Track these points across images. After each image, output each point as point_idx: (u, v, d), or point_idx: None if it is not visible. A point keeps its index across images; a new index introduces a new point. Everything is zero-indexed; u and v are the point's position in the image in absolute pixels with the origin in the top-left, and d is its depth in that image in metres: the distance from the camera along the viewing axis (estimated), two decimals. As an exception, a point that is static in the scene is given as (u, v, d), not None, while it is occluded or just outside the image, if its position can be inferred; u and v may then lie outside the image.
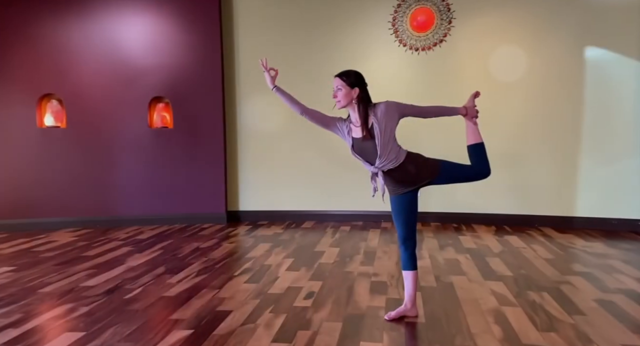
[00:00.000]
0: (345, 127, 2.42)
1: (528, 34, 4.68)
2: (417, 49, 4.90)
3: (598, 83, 4.53)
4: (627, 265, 3.36)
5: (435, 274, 3.21)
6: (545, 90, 4.67)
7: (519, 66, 4.71)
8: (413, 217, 2.44)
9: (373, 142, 2.32)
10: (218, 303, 2.74)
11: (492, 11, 4.73)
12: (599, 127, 4.56)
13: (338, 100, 2.37)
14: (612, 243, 4.03)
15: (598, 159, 4.59)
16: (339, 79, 2.37)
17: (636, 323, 2.33)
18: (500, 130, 4.68)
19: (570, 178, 4.67)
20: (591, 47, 4.52)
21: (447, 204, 4.94)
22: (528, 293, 2.80)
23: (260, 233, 4.72)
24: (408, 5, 4.86)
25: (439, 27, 4.81)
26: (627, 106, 4.47)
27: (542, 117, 4.70)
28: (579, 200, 4.66)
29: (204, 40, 5.12)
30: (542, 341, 2.16)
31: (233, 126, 5.34)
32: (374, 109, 2.34)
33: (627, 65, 4.43)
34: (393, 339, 2.23)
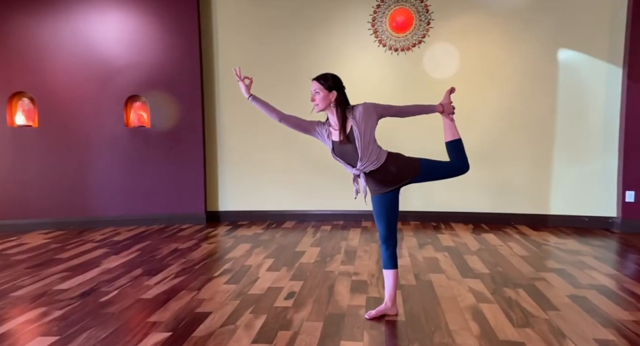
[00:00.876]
0: (325, 130, 2.42)
1: (504, 35, 4.78)
2: (397, 50, 4.94)
3: (570, 84, 4.66)
4: (598, 261, 3.47)
5: (414, 272, 3.24)
6: (521, 91, 4.78)
7: (495, 67, 4.81)
8: (394, 216, 2.46)
9: (353, 145, 2.33)
10: (197, 304, 2.70)
11: (469, 13, 4.81)
12: (571, 127, 4.70)
13: (316, 104, 2.36)
14: (584, 240, 4.15)
15: (570, 158, 4.72)
16: (316, 82, 2.37)
17: (607, 318, 2.41)
18: (477, 130, 4.76)
19: (544, 177, 4.79)
20: (564, 49, 4.65)
21: (427, 203, 5.01)
22: (504, 290, 2.85)
23: (241, 233, 4.67)
24: (387, 6, 4.90)
25: (418, 28, 4.87)
26: (598, 107, 4.62)
27: (518, 117, 4.80)
28: (552, 199, 4.78)
29: (182, 38, 5.04)
30: (518, 337, 2.20)
31: (212, 125, 5.28)
32: (352, 112, 2.35)
33: (598, 67, 4.58)
34: (373, 338, 2.24)
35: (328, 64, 5.03)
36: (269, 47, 5.13)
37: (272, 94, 5.07)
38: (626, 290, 2.83)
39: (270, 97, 5.12)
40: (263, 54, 5.14)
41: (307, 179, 5.17)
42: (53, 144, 4.98)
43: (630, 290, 2.84)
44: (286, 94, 5.02)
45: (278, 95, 5.08)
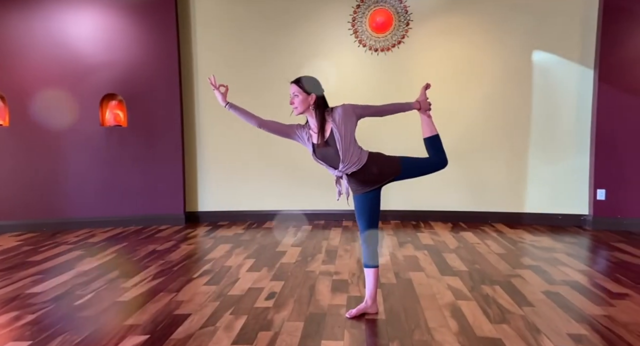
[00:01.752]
0: (305, 133, 2.41)
1: (481, 37, 4.86)
2: (377, 50, 4.97)
3: (545, 85, 4.78)
4: (571, 258, 3.57)
5: (394, 271, 3.27)
6: (497, 92, 4.87)
7: (472, 68, 4.89)
8: (376, 215, 2.47)
9: (334, 147, 2.33)
10: (176, 306, 2.66)
11: (447, 14, 4.88)
12: (545, 127, 4.82)
13: (295, 107, 2.35)
14: (558, 238, 4.27)
15: (545, 158, 4.84)
16: (295, 85, 2.36)
17: (580, 313, 2.48)
18: (455, 130, 4.83)
19: (520, 176, 4.90)
20: (538, 51, 4.76)
21: (406, 202, 5.06)
22: (482, 287, 2.91)
23: (221, 234, 4.62)
24: (367, 6, 4.93)
25: (397, 28, 4.91)
26: (571, 107, 4.75)
27: (494, 117, 4.90)
28: (527, 197, 4.90)
29: (159, 36, 4.95)
30: (495, 333, 2.25)
31: (191, 124, 5.21)
32: (331, 114, 2.35)
33: (570, 69, 4.71)
34: (354, 336, 2.24)
35: (308, 64, 5.03)
36: (248, 45, 5.10)
37: (252, 94, 5.08)
38: (598, 286, 2.92)
39: (250, 97, 5.17)
40: (243, 53, 5.10)
41: (288, 179, 5.15)
42: (24, 144, 4.82)
43: (601, 285, 2.93)
44: (266, 93, 5.01)
45: (258, 94, 5.08)
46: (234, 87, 4.97)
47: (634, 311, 2.48)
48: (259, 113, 2.49)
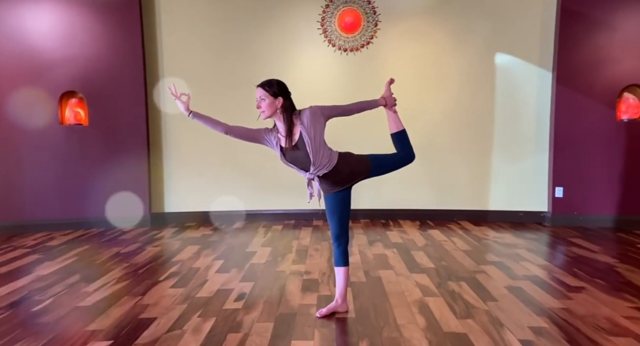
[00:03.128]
0: (273, 137, 2.39)
1: (446, 38, 4.98)
2: (346, 50, 5.00)
3: (506, 86, 4.95)
4: (532, 254, 3.71)
5: (364, 269, 3.30)
6: (462, 92, 5.00)
7: (438, 69, 5.00)
8: (346, 214, 2.48)
9: (304, 150, 2.32)
10: (141, 310, 2.58)
11: (415, 16, 4.97)
12: (507, 128, 4.99)
13: (262, 111, 2.32)
14: (519, 234, 4.43)
15: (507, 157, 5.01)
16: (261, 89, 2.32)
17: (540, 307, 2.58)
18: (422, 130, 4.92)
19: (484, 175, 5.05)
20: (500, 53, 4.92)
21: (376, 201, 5.11)
22: (448, 284, 2.98)
23: (188, 235, 4.53)
24: (336, 6, 4.95)
25: (366, 29, 4.96)
26: (531, 108, 4.94)
27: (459, 118, 5.03)
28: (491, 195, 5.06)
29: (122, 30, 4.79)
30: (461, 328, 2.31)
31: (157, 123, 5.07)
32: (299, 117, 2.33)
33: (530, 71, 4.89)
34: (324, 335, 2.25)
35: (277, 63, 5.00)
36: (216, 44, 5.01)
37: (221, 93, 4.99)
38: (556, 280, 3.05)
39: (218, 97, 5.09)
40: (211, 51, 5.02)
41: (258, 179, 5.10)
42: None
43: (559, 279, 3.06)
44: (235, 92, 4.94)
45: (226, 94, 5.00)
46: (202, 86, 4.91)
47: (590, 303, 2.60)
48: (228, 114, 2.45)
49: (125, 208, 4.90)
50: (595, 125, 4.67)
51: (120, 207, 4.90)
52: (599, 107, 4.65)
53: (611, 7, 4.55)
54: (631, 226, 4.61)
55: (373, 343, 2.16)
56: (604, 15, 4.56)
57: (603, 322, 2.34)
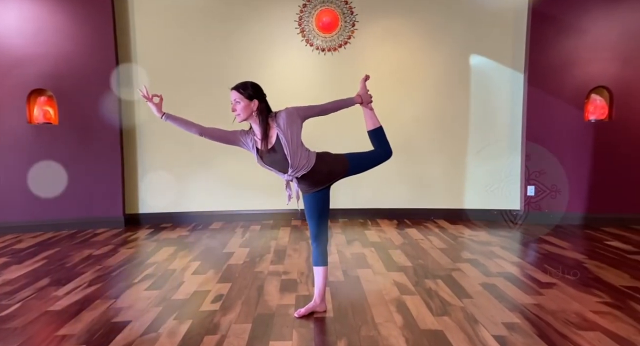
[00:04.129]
0: (250, 140, 2.37)
1: (423, 39, 5.04)
2: (324, 50, 5.01)
3: (481, 88, 5.05)
4: (505, 251, 3.80)
5: (343, 269, 3.31)
6: (438, 93, 5.08)
7: (415, 69, 5.06)
8: (325, 214, 2.48)
9: (282, 153, 2.30)
10: (114, 314, 2.52)
11: (392, 17, 5.02)
12: (482, 127, 5.09)
13: (238, 114, 2.29)
14: (493, 232, 4.53)
15: (482, 156, 5.12)
16: (236, 91, 2.29)
17: (513, 303, 2.64)
18: (398, 130, 4.97)
19: (459, 174, 5.15)
20: (475, 55, 5.03)
21: (354, 201, 5.14)
22: (425, 282, 3.02)
23: (164, 236, 4.44)
24: (313, 6, 4.95)
25: (344, 29, 4.98)
26: (504, 109, 5.06)
27: (435, 118, 5.10)
28: (466, 194, 5.16)
29: (94, 26, 4.66)
30: (437, 325, 2.34)
31: (131, 121, 4.95)
32: (275, 119, 2.31)
33: (503, 73, 5.01)
34: (302, 335, 2.24)
35: (254, 63, 4.96)
36: (190, 43, 4.94)
37: (196, 93, 4.91)
38: (528, 276, 3.13)
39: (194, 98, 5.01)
40: (184, 50, 4.93)
41: (236, 178, 5.05)
42: (-63, 141, 4.35)
43: (531, 276, 3.14)
44: (210, 92, 4.87)
45: (201, 93, 4.92)
46: (177, 86, 4.83)
47: (560, 299, 2.69)
48: (203, 115, 2.42)
49: (97, 209, 4.77)
50: (564, 125, 4.82)
51: (92, 208, 4.77)
52: (568, 107, 4.80)
53: (579, 11, 4.70)
54: (599, 223, 4.78)
55: (351, 342, 2.16)
56: (572, 19, 4.71)
57: (572, 317, 2.42)
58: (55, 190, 4.66)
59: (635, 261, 3.42)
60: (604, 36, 4.70)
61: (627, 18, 4.65)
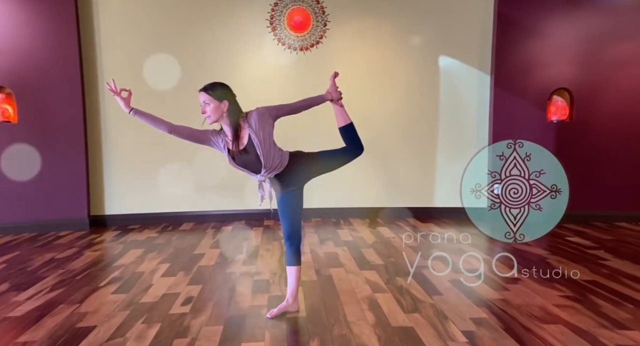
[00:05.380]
0: (221, 140, 2.33)
1: (394, 40, 5.11)
2: (296, 49, 4.99)
3: (450, 89, 5.17)
4: (473, 248, 3.91)
5: (315, 268, 3.31)
6: (409, 93, 5.16)
7: (386, 69, 5.12)
8: (299, 214, 2.47)
9: (254, 153, 2.28)
10: (78, 319, 2.43)
11: (363, 17, 5.05)
12: (451, 128, 5.21)
13: (208, 116, 2.25)
14: (462, 229, 4.64)
15: (451, 156, 5.23)
16: (204, 93, 2.24)
17: (481, 298, 2.72)
18: (370, 130, 5.01)
19: (429, 173, 5.25)
20: (444, 56, 5.13)
21: (327, 200, 5.15)
22: (396, 279, 3.06)
23: (131, 238, 4.32)
24: (285, 5, 4.93)
25: (315, 28, 4.98)
26: (472, 109, 5.19)
27: (406, 118, 5.18)
28: (436, 193, 5.27)
29: (55, 21, 4.49)
30: (408, 322, 2.38)
31: (96, 120, 4.79)
32: (246, 119, 2.28)
33: (471, 74, 5.14)
34: (274, 336, 2.23)
35: (225, 62, 4.90)
36: (158, 41, 4.82)
37: (163, 93, 4.79)
38: (495, 272, 3.23)
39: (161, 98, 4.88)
40: (152, 48, 4.81)
41: (206, 178, 4.96)
42: None
43: (498, 272, 3.24)
44: (178, 92, 4.76)
45: (169, 94, 4.81)
46: (145, 85, 4.70)
47: (525, 294, 2.78)
48: (171, 116, 2.36)
49: (60, 211, 4.59)
50: (528, 125, 4.98)
51: (54, 210, 4.58)
52: (532, 108, 4.98)
53: (542, 14, 4.88)
54: (561, 220, 4.96)
55: (323, 341, 2.17)
56: (536, 23, 4.89)
57: (536, 311, 2.51)
58: (15, 192, 4.45)
59: (594, 256, 3.59)
60: (564, 40, 4.90)
61: (586, 23, 4.86)
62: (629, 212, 4.94)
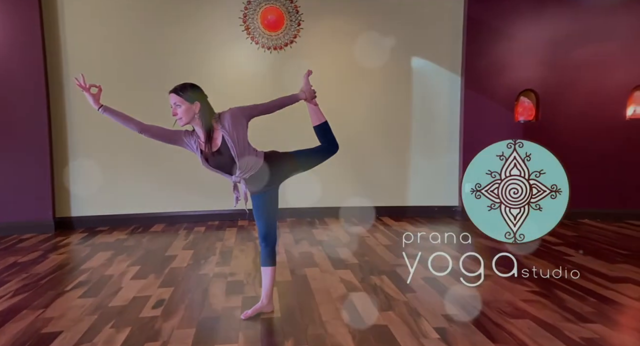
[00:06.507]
0: (194, 141, 2.29)
1: (365, 40, 5.13)
2: (270, 48, 4.96)
3: (422, 89, 5.25)
4: (445, 246, 3.98)
5: (290, 268, 3.30)
6: (382, 93, 5.21)
7: (359, 70, 5.15)
8: (274, 214, 2.46)
9: (228, 155, 2.25)
10: (43, 324, 2.34)
11: (337, 17, 5.07)
12: (423, 128, 5.30)
13: (179, 118, 2.20)
14: (435, 228, 4.74)
15: (423, 156, 5.32)
16: (175, 95, 2.20)
17: (453, 295, 2.78)
18: (344, 130, 5.01)
19: (403, 173, 5.32)
20: (416, 57, 5.21)
21: (302, 200, 5.14)
22: (371, 278, 3.09)
23: (99, 240, 4.19)
24: (258, 3, 4.88)
25: (289, 27, 4.96)
26: (444, 110, 5.29)
27: (380, 118, 5.23)
28: (410, 192, 5.35)
29: (16, 13, 4.29)
30: (382, 320, 2.41)
31: (61, 118, 4.62)
32: (219, 121, 2.25)
33: (442, 75, 5.24)
34: (249, 337, 2.21)
35: (197, 61, 4.81)
36: (127, 38, 4.69)
37: (134, 92, 4.67)
38: (466, 269, 3.30)
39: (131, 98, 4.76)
40: (120, 47, 4.68)
41: (178, 178, 4.86)
42: None
43: (469, 268, 3.32)
44: (148, 93, 4.65)
45: (140, 96, 4.68)
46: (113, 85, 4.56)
47: (494, 290, 2.86)
48: (141, 117, 2.29)
49: (23, 213, 4.40)
50: (497, 125, 5.12)
51: (17, 212, 4.39)
52: (501, 109, 5.12)
53: (509, 18, 5.03)
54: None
55: (298, 341, 2.16)
56: (504, 26, 5.03)
57: (505, 306, 2.59)
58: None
59: (558, 252, 3.72)
60: (531, 43, 5.06)
61: (551, 26, 5.03)
62: (591, 209, 5.15)
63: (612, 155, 5.07)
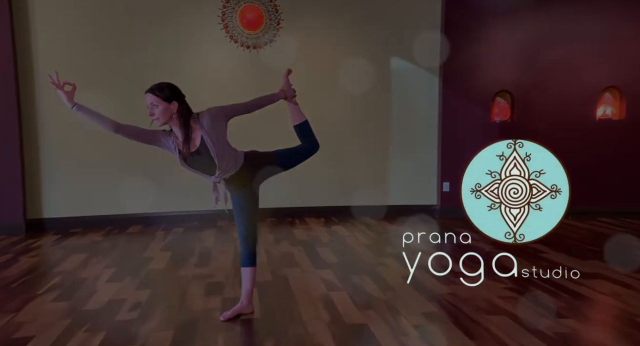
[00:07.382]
0: (172, 142, 2.25)
1: (347, 40, 5.17)
2: (249, 47, 4.92)
3: (401, 89, 5.30)
4: (424, 244, 4.02)
5: (270, 268, 3.28)
6: (362, 93, 5.23)
7: (340, 69, 5.16)
8: (254, 214, 2.44)
9: (208, 155, 2.21)
10: (14, 329, 2.26)
11: (316, 17, 5.07)
12: (402, 128, 5.35)
13: (156, 118, 2.16)
14: (414, 226, 4.79)
15: (403, 155, 5.38)
16: (151, 94, 2.16)
17: (431, 292, 2.82)
18: (324, 130, 5.01)
19: (382, 172, 5.36)
20: (395, 58, 5.26)
21: (282, 200, 5.12)
22: (351, 277, 3.10)
23: (73, 242, 4.08)
24: (237, 2, 4.84)
25: (269, 27, 4.93)
26: (422, 110, 5.36)
27: (360, 118, 5.26)
28: (390, 191, 5.39)
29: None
30: (362, 319, 2.42)
31: (32, 116, 4.48)
32: (198, 121, 2.21)
33: (421, 76, 5.30)
34: (228, 339, 2.19)
35: (174, 59, 4.74)
36: (102, 36, 4.58)
37: (108, 92, 4.55)
38: (444, 267, 3.35)
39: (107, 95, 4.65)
40: (95, 45, 4.56)
41: (156, 178, 4.76)
42: None
43: (447, 267, 3.37)
44: (126, 96, 4.54)
45: (116, 98, 4.55)
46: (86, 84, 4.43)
47: (471, 287, 2.90)
48: (117, 115, 2.24)
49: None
50: (474, 126, 5.22)
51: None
52: (478, 109, 5.22)
53: (485, 20, 5.13)
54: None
55: (278, 341, 2.15)
56: (480, 28, 5.13)
57: (482, 303, 2.64)
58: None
59: (533, 249, 3.82)
60: (506, 44, 5.18)
61: (525, 29, 5.16)
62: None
63: (582, 154, 5.23)
